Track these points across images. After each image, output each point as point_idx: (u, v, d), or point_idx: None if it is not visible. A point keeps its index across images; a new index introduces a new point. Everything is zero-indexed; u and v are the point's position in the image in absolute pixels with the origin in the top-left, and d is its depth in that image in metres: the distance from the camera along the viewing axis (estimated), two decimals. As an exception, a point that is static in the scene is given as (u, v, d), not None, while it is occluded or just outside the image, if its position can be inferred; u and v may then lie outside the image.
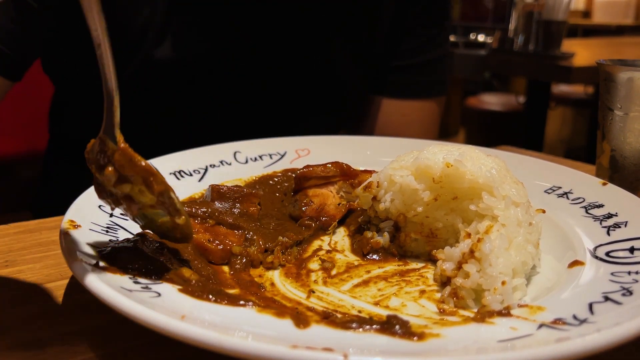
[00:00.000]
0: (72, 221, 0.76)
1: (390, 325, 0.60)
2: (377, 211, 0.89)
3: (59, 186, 1.54)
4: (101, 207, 0.84)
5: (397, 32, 1.56)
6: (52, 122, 1.62)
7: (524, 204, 0.81)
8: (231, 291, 0.71)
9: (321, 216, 0.94)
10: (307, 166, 1.00)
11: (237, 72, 1.40)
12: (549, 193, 0.99)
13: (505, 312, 0.64)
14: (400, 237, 0.86)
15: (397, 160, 0.89)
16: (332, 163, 1.01)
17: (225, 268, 0.80)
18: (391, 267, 0.83)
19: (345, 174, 1.00)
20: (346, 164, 1.01)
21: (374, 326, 0.60)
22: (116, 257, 0.70)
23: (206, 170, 1.08)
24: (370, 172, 0.99)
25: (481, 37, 3.97)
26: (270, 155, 1.18)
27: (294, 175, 1.05)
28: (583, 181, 1.00)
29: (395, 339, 0.58)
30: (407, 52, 1.59)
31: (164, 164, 1.04)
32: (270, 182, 1.08)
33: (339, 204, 0.96)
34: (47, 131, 1.65)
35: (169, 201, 0.68)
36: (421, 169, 0.83)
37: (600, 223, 0.86)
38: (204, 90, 1.40)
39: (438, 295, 0.75)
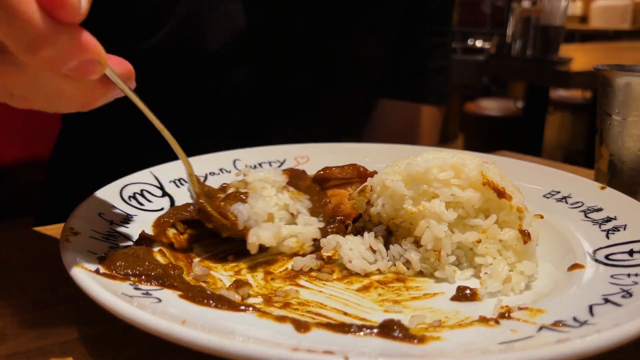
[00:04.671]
0: (72, 229, 0.76)
1: (391, 329, 0.60)
2: (370, 215, 0.89)
3: (63, 192, 1.55)
4: (101, 215, 0.85)
5: (402, 38, 1.57)
6: (64, 128, 1.62)
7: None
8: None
9: (336, 215, 0.95)
10: (326, 168, 1.02)
11: (245, 74, 1.40)
12: (547, 197, 0.99)
13: (506, 315, 0.64)
14: (392, 242, 0.86)
15: (391, 165, 0.89)
16: (349, 165, 1.03)
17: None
18: (391, 272, 0.83)
19: (361, 176, 1.02)
20: (362, 167, 1.03)
21: (374, 330, 0.60)
22: (117, 264, 0.70)
23: (206, 178, 1.08)
24: None
25: (479, 43, 3.98)
26: (270, 163, 1.18)
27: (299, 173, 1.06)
28: (582, 185, 1.00)
29: (396, 342, 0.58)
30: (411, 59, 1.60)
31: (164, 173, 1.04)
32: None
33: (355, 205, 0.97)
34: (51, 137, 1.65)
35: None
36: (412, 175, 0.84)
37: (600, 226, 0.86)
38: (208, 94, 1.40)
39: (439, 299, 0.75)
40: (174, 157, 1.09)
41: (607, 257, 0.77)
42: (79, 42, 0.56)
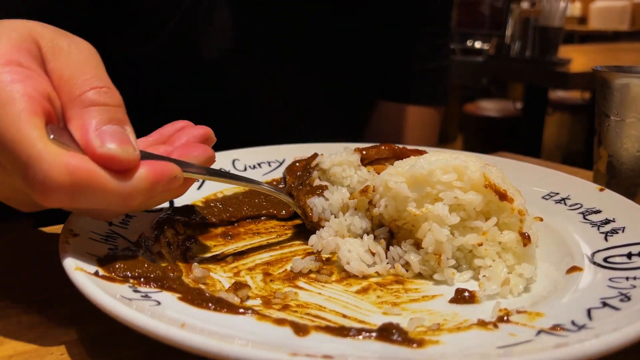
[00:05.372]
0: (71, 230, 0.76)
1: (389, 333, 0.60)
2: (372, 216, 0.89)
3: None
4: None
5: (401, 40, 1.57)
6: None
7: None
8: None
9: None
10: (361, 149, 1.05)
11: (247, 73, 1.40)
12: (546, 199, 0.99)
13: (505, 318, 0.64)
14: (393, 243, 0.86)
15: (394, 166, 0.89)
16: (384, 145, 1.07)
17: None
18: (390, 275, 0.83)
19: (397, 156, 1.04)
20: (397, 146, 1.07)
21: (373, 334, 0.60)
22: (116, 265, 0.70)
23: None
24: (421, 152, 1.01)
25: (478, 44, 3.99)
26: (269, 163, 1.18)
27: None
28: (580, 187, 1.00)
29: (395, 346, 0.58)
30: (410, 62, 1.61)
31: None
32: (280, 185, 1.10)
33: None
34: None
35: None
36: (415, 177, 0.84)
37: (598, 229, 0.86)
38: (207, 95, 1.40)
39: (438, 301, 0.75)
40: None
41: (605, 259, 0.78)
42: (153, 176, 0.63)
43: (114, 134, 0.62)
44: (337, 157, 1.00)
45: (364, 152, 1.04)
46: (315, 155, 1.06)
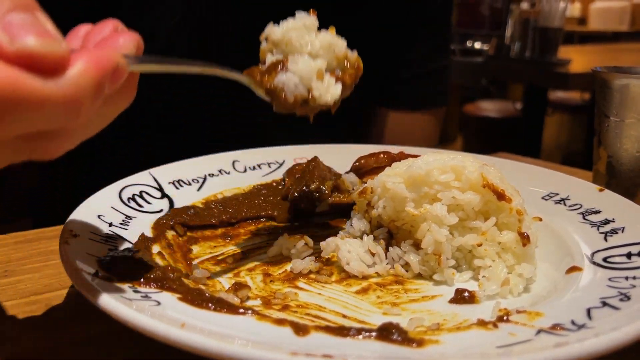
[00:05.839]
0: (71, 231, 0.76)
1: (389, 333, 0.60)
2: (371, 218, 0.89)
3: (62, 193, 1.54)
4: (100, 216, 0.85)
5: (402, 41, 1.57)
6: None
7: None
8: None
9: None
10: (360, 158, 1.04)
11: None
12: (546, 199, 0.99)
13: (504, 318, 0.64)
14: (392, 244, 0.86)
15: (392, 167, 0.90)
16: (383, 153, 1.06)
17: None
18: (390, 275, 0.83)
19: (396, 162, 1.03)
20: (397, 153, 1.05)
21: (373, 333, 0.60)
22: (116, 266, 0.70)
23: (205, 179, 1.09)
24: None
25: (478, 45, 3.99)
26: (269, 164, 1.18)
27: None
28: (580, 187, 1.00)
29: (395, 345, 0.58)
30: (411, 62, 1.60)
31: (163, 173, 1.04)
32: (280, 186, 1.11)
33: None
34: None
35: None
36: (413, 178, 0.84)
37: (598, 229, 0.86)
38: (207, 95, 1.40)
39: (438, 301, 0.75)
40: (173, 158, 1.10)
41: (605, 259, 0.78)
42: (95, 66, 0.49)
43: (24, 25, 0.46)
44: (290, 22, 0.83)
45: (362, 161, 1.03)
46: (315, 158, 1.05)
